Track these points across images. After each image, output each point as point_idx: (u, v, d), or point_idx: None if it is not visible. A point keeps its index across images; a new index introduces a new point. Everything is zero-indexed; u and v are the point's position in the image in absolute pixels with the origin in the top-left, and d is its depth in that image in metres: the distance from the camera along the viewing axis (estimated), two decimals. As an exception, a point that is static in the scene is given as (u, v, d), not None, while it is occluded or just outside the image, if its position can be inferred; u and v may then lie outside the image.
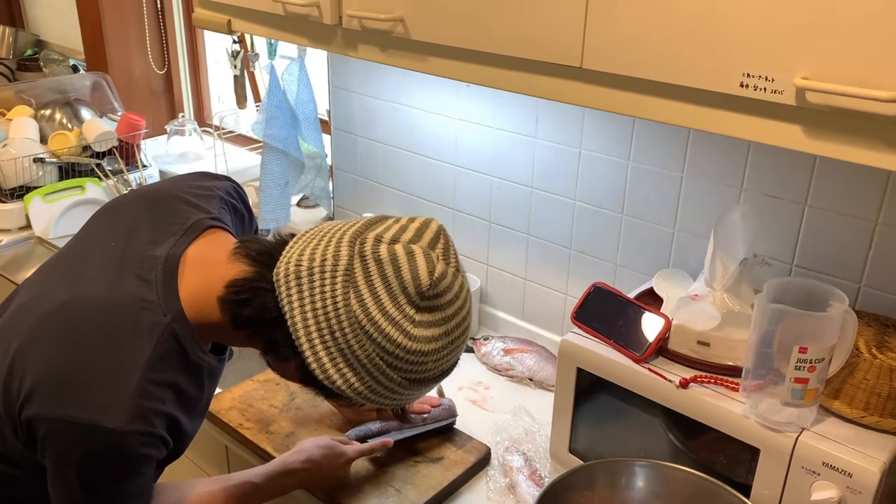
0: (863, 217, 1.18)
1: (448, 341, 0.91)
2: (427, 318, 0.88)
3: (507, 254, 1.71)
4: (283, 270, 0.89)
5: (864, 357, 1.02)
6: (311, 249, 0.90)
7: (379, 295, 0.86)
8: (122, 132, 2.34)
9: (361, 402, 0.92)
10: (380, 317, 0.86)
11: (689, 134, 1.34)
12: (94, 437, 0.83)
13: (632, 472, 1.12)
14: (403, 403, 0.98)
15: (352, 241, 0.89)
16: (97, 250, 0.97)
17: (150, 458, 0.90)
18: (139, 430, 0.85)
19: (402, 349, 0.88)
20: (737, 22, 0.87)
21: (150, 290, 0.90)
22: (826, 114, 0.83)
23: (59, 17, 3.10)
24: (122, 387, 0.85)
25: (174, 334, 0.90)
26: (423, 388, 0.95)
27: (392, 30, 1.23)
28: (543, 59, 1.06)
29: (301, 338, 0.87)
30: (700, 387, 1.10)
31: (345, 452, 1.20)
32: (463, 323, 0.93)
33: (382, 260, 0.87)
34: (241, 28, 1.54)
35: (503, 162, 1.64)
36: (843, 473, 0.97)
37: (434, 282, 0.87)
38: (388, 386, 0.90)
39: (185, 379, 0.93)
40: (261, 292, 0.89)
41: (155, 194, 1.05)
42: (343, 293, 0.86)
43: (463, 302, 0.92)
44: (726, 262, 1.15)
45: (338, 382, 0.88)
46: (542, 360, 1.60)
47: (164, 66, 2.72)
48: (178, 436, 0.95)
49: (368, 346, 0.87)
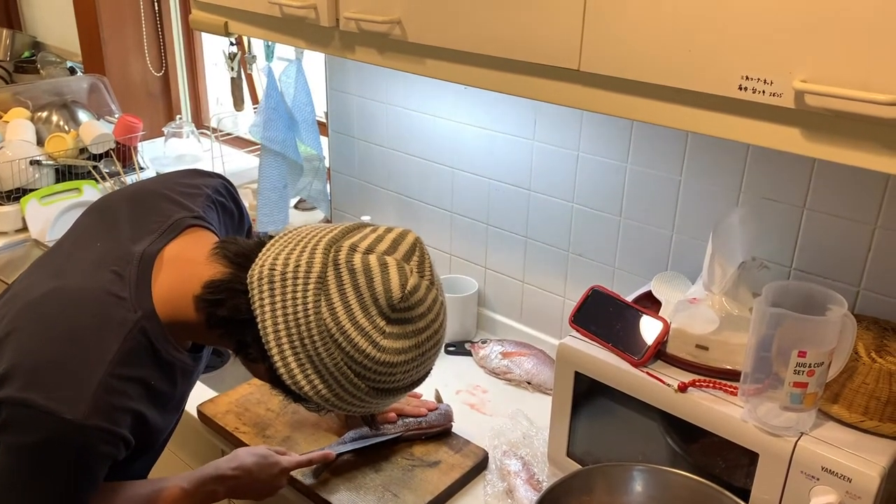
0: (862, 220, 1.18)
1: (418, 353, 0.91)
2: (397, 330, 0.88)
3: (505, 256, 1.70)
4: (256, 273, 0.89)
5: (864, 361, 1.02)
6: (286, 254, 0.90)
7: (350, 305, 0.86)
8: (119, 134, 2.33)
9: (328, 409, 0.93)
10: (349, 327, 0.86)
11: (687, 137, 1.34)
12: (51, 425, 0.83)
13: (630, 476, 1.11)
14: (371, 412, 0.97)
15: (327, 248, 0.89)
16: (81, 246, 0.98)
17: (104, 458, 0.89)
18: (98, 425, 0.85)
19: (370, 360, 0.87)
20: (735, 24, 0.86)
21: (123, 286, 0.91)
22: (825, 117, 0.83)
23: (57, 19, 3.10)
24: (85, 380, 0.85)
25: (143, 331, 0.90)
26: (390, 398, 0.94)
27: (389, 32, 1.22)
28: (541, 62, 1.06)
29: (270, 342, 0.87)
30: (698, 391, 1.09)
31: (279, 462, 1.18)
32: (434, 336, 0.92)
33: (356, 270, 0.87)
34: (238, 30, 1.54)
35: (501, 164, 1.64)
36: (843, 478, 0.96)
37: (406, 294, 0.87)
38: (354, 394, 0.90)
39: (156, 376, 0.93)
40: (235, 293, 0.89)
41: (140, 193, 1.06)
42: (314, 301, 0.86)
43: (436, 315, 0.92)
44: (725, 266, 1.15)
45: (305, 388, 0.89)
46: (540, 363, 1.59)
47: (161, 69, 2.72)
48: (144, 430, 0.94)
49: (337, 354, 0.87)
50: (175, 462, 1.61)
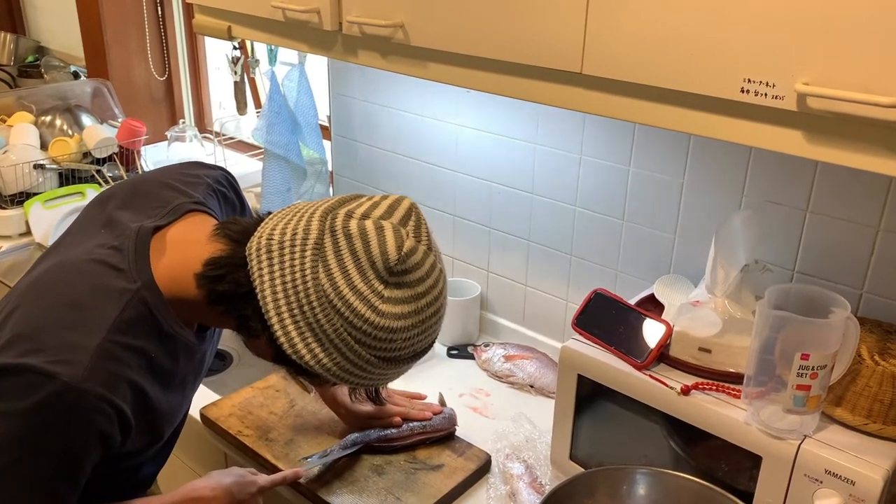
0: (865, 223, 1.18)
1: (419, 320, 0.90)
2: (396, 294, 0.87)
3: (508, 260, 1.71)
4: (255, 245, 0.89)
5: (867, 364, 1.02)
6: (283, 224, 0.90)
7: (347, 269, 0.86)
8: (123, 138, 2.34)
9: (332, 381, 0.92)
10: (347, 291, 0.86)
11: (689, 140, 1.34)
12: (47, 388, 0.83)
13: (633, 479, 1.11)
14: (376, 384, 0.96)
15: (323, 216, 0.89)
16: (82, 231, 1.00)
17: (97, 432, 0.87)
18: (94, 390, 0.84)
19: (370, 325, 0.87)
20: (738, 27, 0.86)
21: (121, 259, 0.92)
22: (827, 119, 0.83)
23: (61, 24, 3.11)
24: (83, 345, 0.85)
25: (143, 300, 0.91)
26: (394, 369, 0.93)
27: (392, 36, 1.22)
28: (544, 65, 1.06)
29: (270, 311, 0.87)
30: (701, 394, 1.09)
31: (255, 482, 1.17)
32: (435, 303, 0.91)
33: (352, 234, 0.87)
34: (242, 34, 1.54)
35: (503, 168, 1.64)
36: (846, 481, 0.96)
37: (402, 256, 0.86)
38: (357, 363, 0.89)
39: (157, 348, 0.93)
40: (235, 268, 0.90)
41: (141, 182, 1.07)
42: (312, 267, 0.86)
43: (434, 281, 0.91)
44: (728, 269, 1.14)
45: (306, 357, 0.88)
46: (542, 366, 1.59)
47: (164, 73, 2.72)
48: (146, 409, 0.94)
49: (336, 320, 0.86)
50: (179, 466, 1.61)
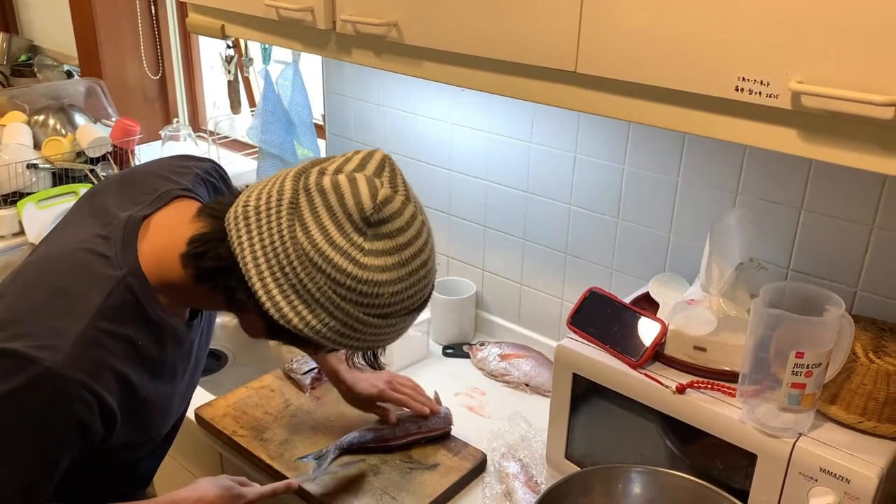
0: (859, 221, 1.18)
1: (405, 273, 0.88)
2: (377, 245, 0.86)
3: (503, 258, 1.70)
4: (232, 215, 0.89)
5: (861, 362, 1.02)
6: (258, 191, 0.90)
7: (324, 224, 0.85)
8: (116, 138, 2.33)
9: (326, 345, 0.90)
10: (326, 246, 0.84)
11: (684, 138, 1.34)
12: (28, 372, 0.82)
13: (628, 478, 1.11)
14: (372, 346, 0.94)
15: (296, 176, 0.89)
16: (71, 223, 1.00)
17: (76, 420, 0.86)
18: (75, 377, 0.84)
19: (353, 279, 0.85)
20: (732, 26, 0.86)
21: (108, 247, 0.92)
22: (821, 118, 0.83)
23: (54, 23, 3.10)
24: (66, 331, 0.84)
25: (129, 287, 0.90)
26: (387, 328, 0.91)
27: (386, 34, 1.22)
28: (538, 64, 1.06)
29: (252, 277, 0.86)
30: (696, 392, 1.09)
31: (243, 494, 1.14)
32: (420, 255, 0.89)
33: (326, 190, 0.86)
34: (235, 33, 1.54)
35: (498, 166, 1.63)
36: (841, 479, 0.96)
37: (378, 205, 0.85)
38: (347, 323, 0.88)
39: (143, 336, 0.92)
40: (216, 242, 0.89)
41: (130, 173, 1.07)
42: (289, 226, 0.85)
43: (417, 232, 0.89)
44: (722, 267, 1.15)
45: (294, 321, 0.86)
46: (538, 365, 1.59)
47: (158, 72, 2.71)
48: (133, 398, 0.93)
49: (319, 278, 0.85)
50: (174, 466, 1.60)
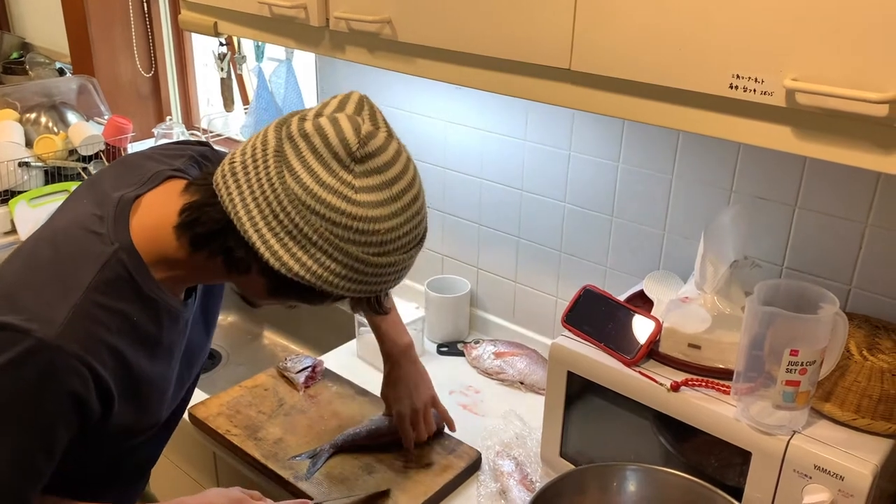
0: (853, 219, 1.18)
1: (398, 208, 0.88)
2: (367, 182, 0.86)
3: (497, 257, 1.70)
4: (219, 174, 0.89)
5: (856, 359, 1.02)
6: (242, 148, 0.90)
7: (311, 166, 0.85)
8: (109, 136, 2.32)
9: (331, 293, 0.89)
10: (317, 188, 0.84)
11: (678, 136, 1.34)
12: (22, 344, 0.82)
13: (623, 476, 1.11)
14: (374, 290, 0.93)
15: (277, 126, 0.89)
16: (68, 206, 1.01)
17: (70, 392, 0.86)
18: (69, 348, 0.84)
19: (348, 217, 0.85)
20: (726, 23, 0.86)
21: (101, 225, 0.92)
22: (816, 115, 0.83)
23: (45, 20, 3.08)
24: (60, 303, 0.85)
25: (121, 262, 0.90)
26: (388, 268, 0.91)
27: (380, 31, 1.22)
28: (532, 61, 1.06)
29: (248, 230, 0.86)
30: (691, 390, 1.09)
31: None
32: (410, 189, 0.89)
33: (308, 133, 0.86)
34: (228, 30, 1.53)
35: (492, 164, 1.63)
36: (835, 476, 0.96)
37: (362, 140, 0.86)
38: (347, 264, 0.87)
39: (138, 312, 0.92)
40: (208, 207, 0.89)
41: (125, 158, 1.08)
42: (277, 173, 0.85)
43: (404, 166, 0.90)
44: (717, 265, 1.14)
45: (295, 268, 0.86)
46: (532, 363, 1.59)
47: (151, 69, 2.70)
48: (130, 376, 0.93)
49: (315, 221, 0.85)
50: (167, 466, 1.60)
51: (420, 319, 1.67)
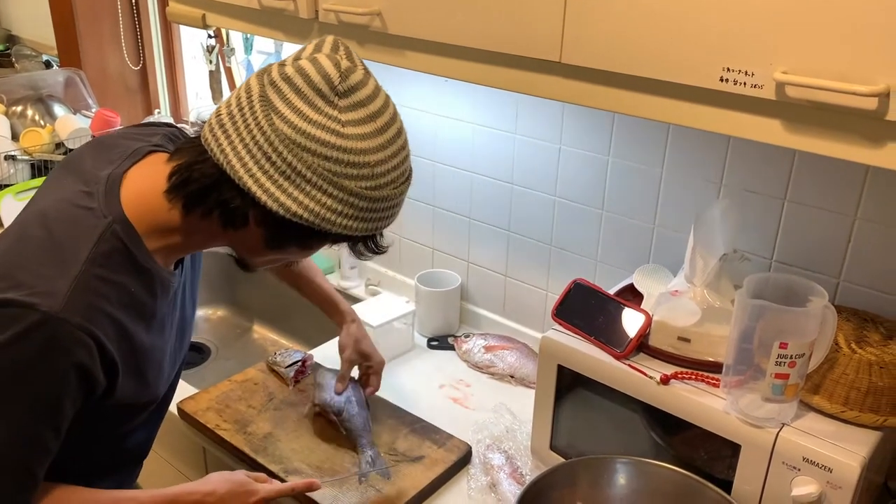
0: (841, 212, 1.19)
1: (385, 140, 0.90)
2: (352, 116, 0.88)
3: (488, 250, 1.70)
4: (207, 129, 0.91)
5: (844, 352, 1.03)
6: (226, 101, 0.92)
7: (297, 106, 0.87)
8: (97, 129, 2.31)
9: (332, 232, 0.91)
10: (305, 125, 0.86)
11: (668, 129, 1.34)
12: (26, 318, 0.83)
13: (613, 469, 1.11)
14: (371, 228, 0.94)
15: (258, 75, 0.91)
16: (49, 186, 1.01)
17: (78, 365, 0.87)
18: (73, 320, 0.85)
19: (340, 150, 0.87)
20: (717, 16, 0.86)
21: (92, 201, 0.93)
22: (806, 108, 0.83)
23: (32, 12, 3.05)
24: (61, 277, 0.86)
25: (116, 234, 0.91)
26: (383, 204, 0.93)
27: (369, 24, 1.21)
28: (522, 54, 1.05)
29: (243, 176, 0.87)
30: (681, 383, 1.09)
31: (256, 491, 1.13)
32: (394, 123, 0.92)
33: (289, 76, 0.88)
34: (216, 22, 1.52)
35: (483, 158, 1.63)
36: (824, 468, 0.97)
37: (343, 74, 0.88)
38: (343, 199, 0.89)
39: (135, 283, 0.94)
40: (198, 164, 0.91)
41: (101, 139, 1.09)
42: (265, 117, 0.87)
43: (385, 101, 0.92)
44: (706, 258, 1.15)
45: (293, 208, 0.87)
46: (523, 357, 1.59)
47: (139, 62, 2.68)
48: (130, 347, 0.94)
49: (307, 157, 0.87)
50: (157, 460, 1.59)
51: (410, 313, 1.66)
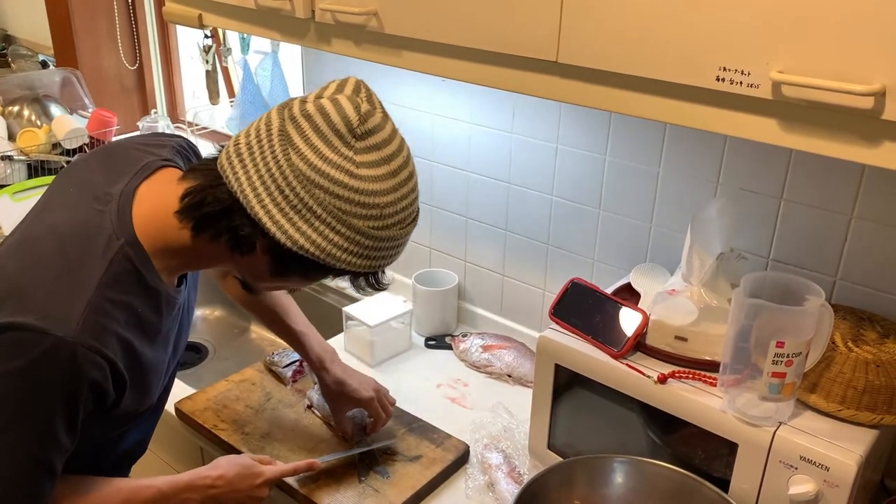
0: (838, 211, 1.19)
1: (396, 183, 0.92)
2: (367, 158, 0.90)
3: (485, 250, 1.70)
4: (224, 156, 0.93)
5: (841, 350, 1.03)
6: (245, 132, 0.94)
7: (315, 143, 0.89)
8: (93, 129, 2.30)
9: (335, 267, 0.93)
10: (321, 163, 0.89)
11: (665, 128, 1.34)
12: (41, 344, 0.85)
13: (610, 468, 1.11)
14: (375, 266, 0.97)
15: (279, 110, 0.93)
16: (55, 197, 1.02)
17: (92, 385, 0.89)
18: (88, 343, 0.87)
19: (352, 191, 0.89)
20: (713, 15, 0.86)
21: (104, 219, 0.94)
22: (802, 107, 0.83)
23: (28, 12, 3.04)
24: (75, 301, 0.88)
25: (128, 257, 0.93)
26: (388, 244, 0.95)
27: (366, 24, 1.21)
28: (519, 54, 1.05)
29: (255, 206, 0.89)
30: (678, 382, 1.09)
31: (262, 473, 1.17)
32: (406, 166, 0.94)
33: (310, 114, 0.90)
34: (213, 22, 1.52)
35: (479, 157, 1.63)
36: (821, 467, 0.97)
37: (362, 117, 0.90)
38: (350, 237, 0.91)
39: (142, 303, 0.96)
40: (212, 188, 0.93)
41: (109, 147, 1.10)
42: (283, 151, 0.89)
43: (400, 144, 0.94)
44: (703, 257, 1.15)
45: (300, 241, 0.90)
46: (520, 356, 1.59)
47: (135, 62, 2.67)
48: (135, 364, 0.96)
49: (320, 195, 0.89)
50: (154, 461, 1.59)
51: (408, 313, 1.66)
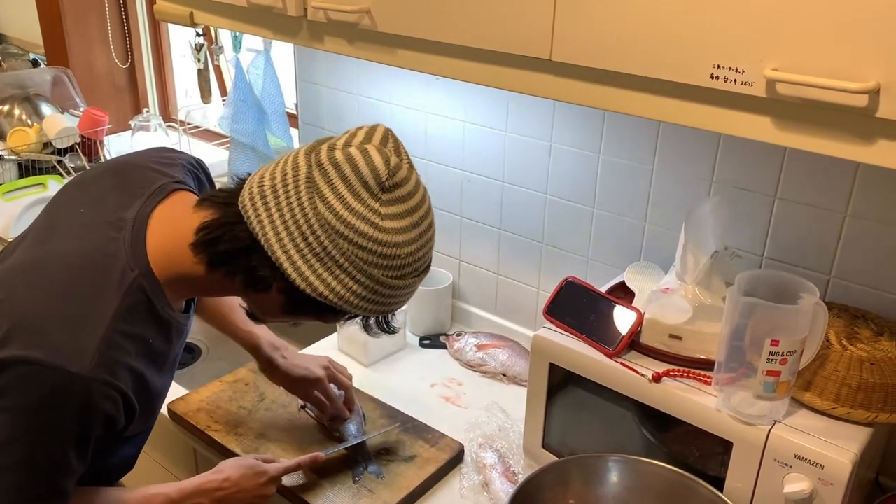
0: (832, 209, 1.19)
1: (417, 234, 0.93)
2: (392, 210, 0.91)
3: (479, 249, 1.70)
4: (247, 196, 0.92)
5: (835, 349, 1.03)
6: (271, 172, 0.93)
7: (342, 194, 0.89)
8: (85, 128, 2.29)
9: (349, 312, 0.95)
10: (347, 214, 0.89)
11: (659, 126, 1.34)
12: (55, 379, 0.84)
13: (605, 467, 1.11)
14: (388, 310, 0.99)
15: (307, 153, 0.93)
16: (65, 217, 1.00)
17: (104, 417, 0.90)
18: (102, 378, 0.87)
19: (375, 242, 0.90)
20: (707, 13, 0.86)
21: (118, 248, 0.94)
22: (796, 105, 0.83)
23: (18, 10, 3.02)
24: (89, 335, 0.87)
25: (142, 288, 0.93)
26: (403, 289, 0.96)
27: (358, 22, 1.20)
28: (512, 52, 1.05)
29: (277, 251, 0.89)
30: (672, 381, 1.09)
31: (266, 471, 1.18)
32: (427, 216, 0.95)
33: (339, 162, 0.90)
34: (204, 20, 1.51)
35: (473, 155, 1.62)
36: (815, 465, 0.97)
37: (391, 171, 0.90)
38: (368, 286, 0.92)
39: (154, 334, 0.96)
40: (230, 226, 0.92)
41: (120, 165, 1.08)
42: (309, 199, 0.89)
43: (423, 195, 0.95)
44: (697, 255, 1.15)
45: (320, 289, 0.90)
46: (515, 355, 1.59)
47: (127, 60, 2.66)
48: (144, 392, 0.96)
49: (343, 245, 0.89)
50: (147, 462, 1.58)
51: (402, 312, 1.66)
